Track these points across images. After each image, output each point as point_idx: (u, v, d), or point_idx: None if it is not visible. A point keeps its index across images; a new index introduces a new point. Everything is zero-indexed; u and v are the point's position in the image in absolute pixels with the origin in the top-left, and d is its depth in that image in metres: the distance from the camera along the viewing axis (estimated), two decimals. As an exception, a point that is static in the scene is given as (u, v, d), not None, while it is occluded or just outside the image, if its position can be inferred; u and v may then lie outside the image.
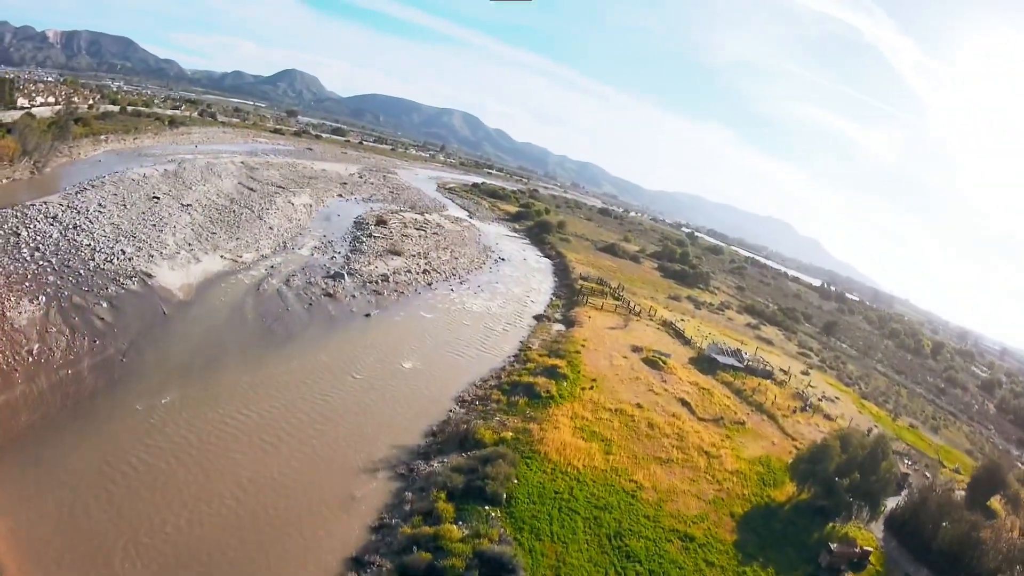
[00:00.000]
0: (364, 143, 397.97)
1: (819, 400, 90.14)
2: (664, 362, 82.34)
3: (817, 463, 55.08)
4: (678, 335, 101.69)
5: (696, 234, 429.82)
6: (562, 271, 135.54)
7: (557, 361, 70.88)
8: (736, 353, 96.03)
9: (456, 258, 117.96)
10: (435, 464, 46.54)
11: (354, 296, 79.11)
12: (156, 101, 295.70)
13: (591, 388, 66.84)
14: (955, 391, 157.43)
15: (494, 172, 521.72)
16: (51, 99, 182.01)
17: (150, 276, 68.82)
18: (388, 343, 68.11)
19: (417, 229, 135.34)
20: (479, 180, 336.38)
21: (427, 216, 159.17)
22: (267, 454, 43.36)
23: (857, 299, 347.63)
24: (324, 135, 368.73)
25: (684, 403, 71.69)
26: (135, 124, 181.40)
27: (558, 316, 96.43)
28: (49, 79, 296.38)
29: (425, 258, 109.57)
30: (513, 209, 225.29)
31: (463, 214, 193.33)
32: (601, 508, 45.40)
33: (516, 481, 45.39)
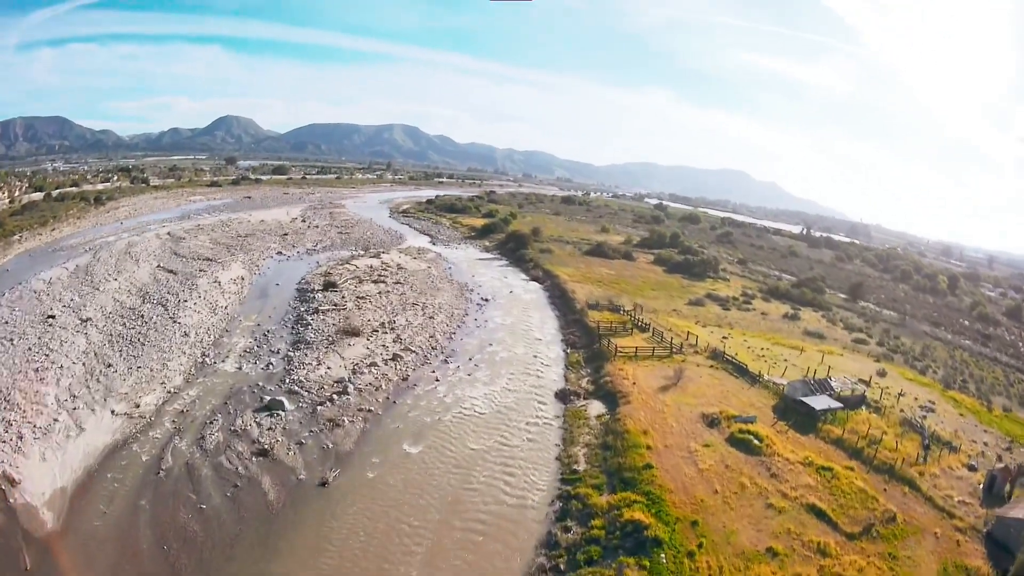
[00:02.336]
0: (307, 177, 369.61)
1: (923, 417, 68.45)
2: (756, 438, 56.40)
3: None
4: (739, 370, 75.86)
5: (664, 203, 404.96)
6: (560, 298, 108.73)
7: (632, 509, 44.10)
8: (822, 384, 70.24)
9: (431, 316, 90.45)
10: None
11: (300, 443, 51.28)
12: (88, 177, 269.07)
13: (699, 547, 40.47)
14: (995, 331, 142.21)
15: (445, 180, 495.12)
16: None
17: (13, 482, 42.36)
18: (364, 541, 40.47)
19: (375, 282, 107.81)
20: (433, 194, 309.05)
21: (384, 257, 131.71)
22: None
23: (848, 240, 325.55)
24: (265, 177, 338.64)
25: (818, 513, 46.50)
26: (56, 212, 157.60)
27: (588, 385, 69.42)
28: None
29: (392, 330, 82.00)
30: (479, 223, 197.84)
31: (425, 241, 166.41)
32: None
33: None
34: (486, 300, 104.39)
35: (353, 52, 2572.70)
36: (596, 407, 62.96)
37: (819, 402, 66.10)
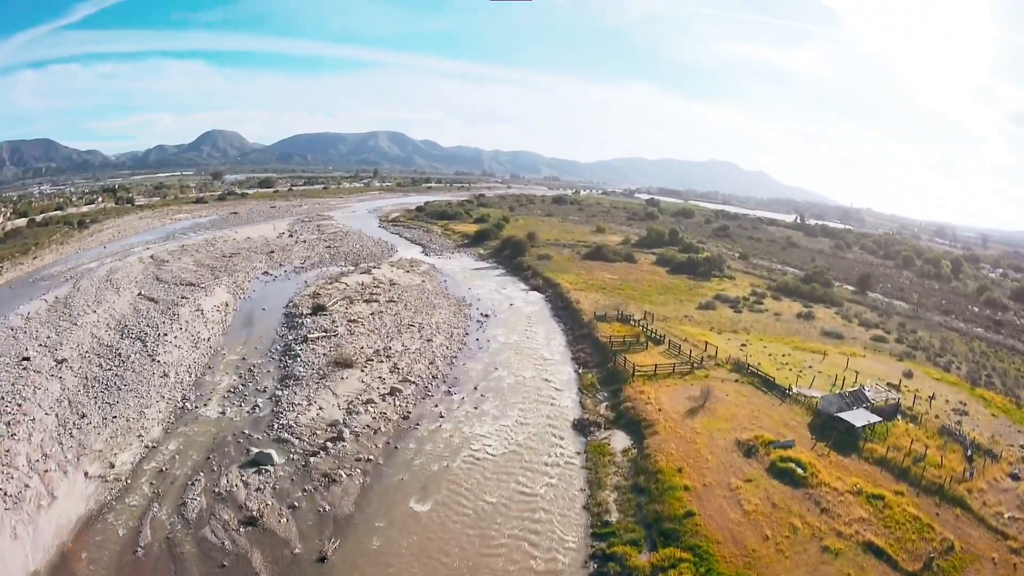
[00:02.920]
0: (294, 189, 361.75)
1: (958, 423, 64.03)
2: (799, 466, 50.64)
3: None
4: (767, 384, 69.98)
5: (655, 199, 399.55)
6: (564, 309, 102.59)
7: (680, 570, 38.31)
8: (857, 396, 64.48)
9: (429, 339, 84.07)
10: None
11: (293, 507, 44.80)
12: (73, 199, 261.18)
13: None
14: (1005, 316, 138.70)
15: (433, 185, 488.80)
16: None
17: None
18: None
19: (367, 301, 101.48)
20: (422, 200, 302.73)
21: (376, 272, 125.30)
22: None
23: (843, 227, 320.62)
24: (251, 191, 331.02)
25: (876, 551, 41.38)
26: (39, 239, 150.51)
27: (607, 412, 63.25)
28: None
29: (388, 357, 75.56)
30: (471, 229, 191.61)
31: (417, 252, 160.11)
32: None
33: None
34: (486, 316, 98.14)
35: (335, 60, 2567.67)
36: (620, 439, 56.77)
37: (857, 417, 60.53)
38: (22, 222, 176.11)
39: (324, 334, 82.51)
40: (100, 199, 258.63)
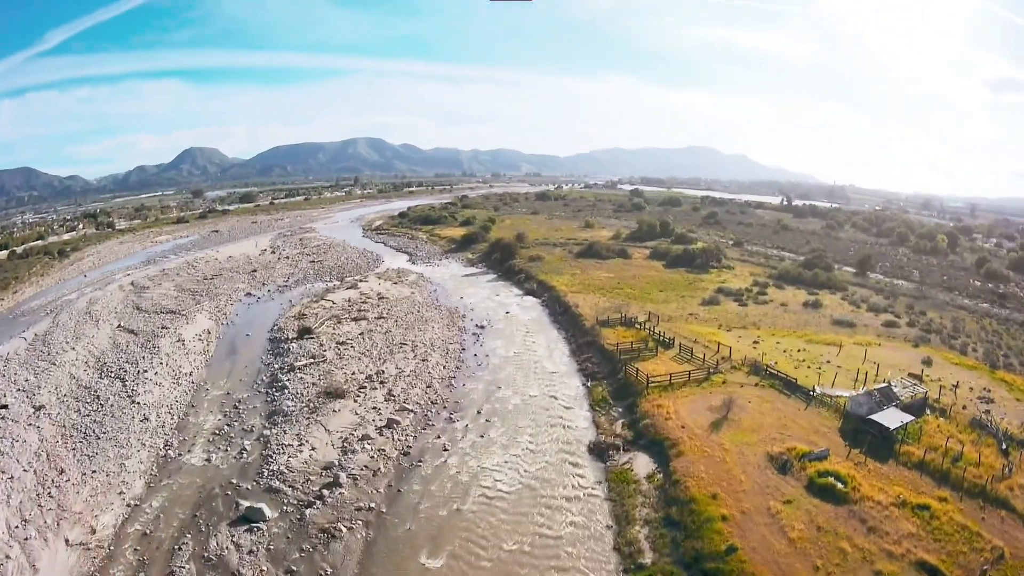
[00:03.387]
0: (275, 202, 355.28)
1: (987, 412, 61.27)
2: (838, 479, 46.73)
3: None
4: (788, 386, 65.81)
5: (639, 189, 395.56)
6: (563, 314, 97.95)
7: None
8: (885, 395, 60.43)
9: (424, 358, 79.23)
10: None
11: (292, 571, 39.86)
12: (55, 227, 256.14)
13: None
14: (1007, 288, 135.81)
15: (415, 189, 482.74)
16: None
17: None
18: None
19: (355, 319, 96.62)
20: (404, 205, 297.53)
21: (363, 286, 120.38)
22: None
23: (832, 206, 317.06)
24: (232, 207, 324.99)
25: (930, 571, 38.03)
26: (19, 272, 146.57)
27: (625, 431, 58.63)
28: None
29: (381, 383, 70.66)
30: (457, 233, 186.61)
31: (403, 261, 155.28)
32: None
33: None
34: (482, 327, 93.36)
35: (310, 70, 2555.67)
36: (643, 462, 52.13)
37: (889, 418, 56.45)
38: (2, 255, 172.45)
39: (312, 360, 77.59)
40: (81, 225, 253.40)
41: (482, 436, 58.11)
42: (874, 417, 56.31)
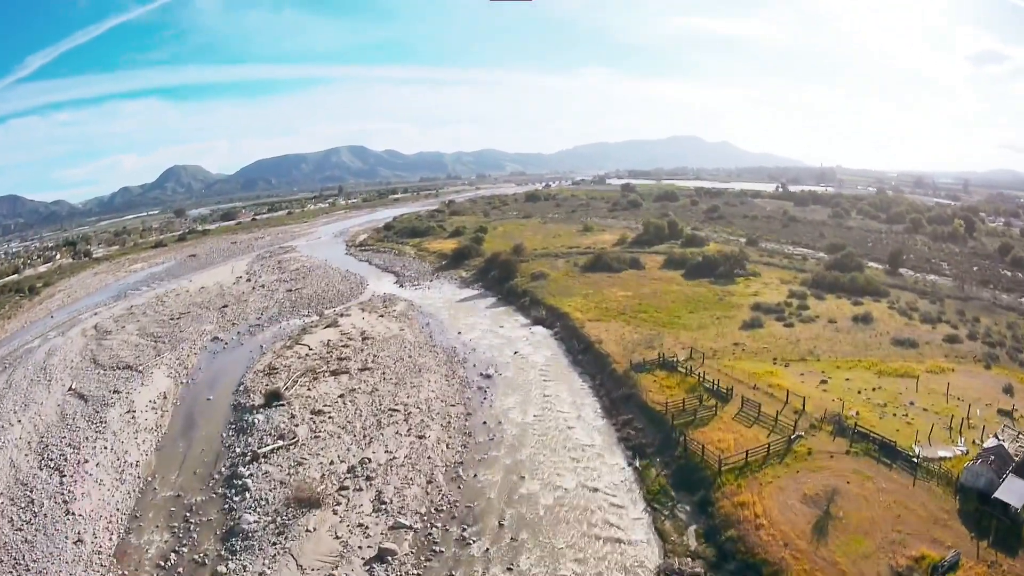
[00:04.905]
0: (257, 218, 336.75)
1: None
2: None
3: None
4: (885, 450, 50.01)
5: (629, 183, 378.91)
6: (583, 352, 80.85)
7: None
8: (999, 457, 45.64)
9: (421, 434, 61.82)
10: None
11: None
12: (34, 257, 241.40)
13: None
14: None
15: (400, 196, 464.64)
16: None
17: None
18: None
19: (335, 372, 79.53)
20: (390, 215, 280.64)
21: (345, 322, 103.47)
22: None
23: (830, 191, 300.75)
24: (212, 227, 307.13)
25: None
26: None
27: (703, 547, 41.95)
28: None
29: (367, 480, 53.24)
30: (448, 246, 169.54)
31: (390, 283, 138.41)
32: None
33: None
34: (488, 375, 76.27)
35: (289, 81, 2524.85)
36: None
37: (1013, 492, 41.23)
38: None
39: (280, 442, 60.60)
40: (58, 255, 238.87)
41: (510, 570, 41.15)
42: (998, 496, 41.56)
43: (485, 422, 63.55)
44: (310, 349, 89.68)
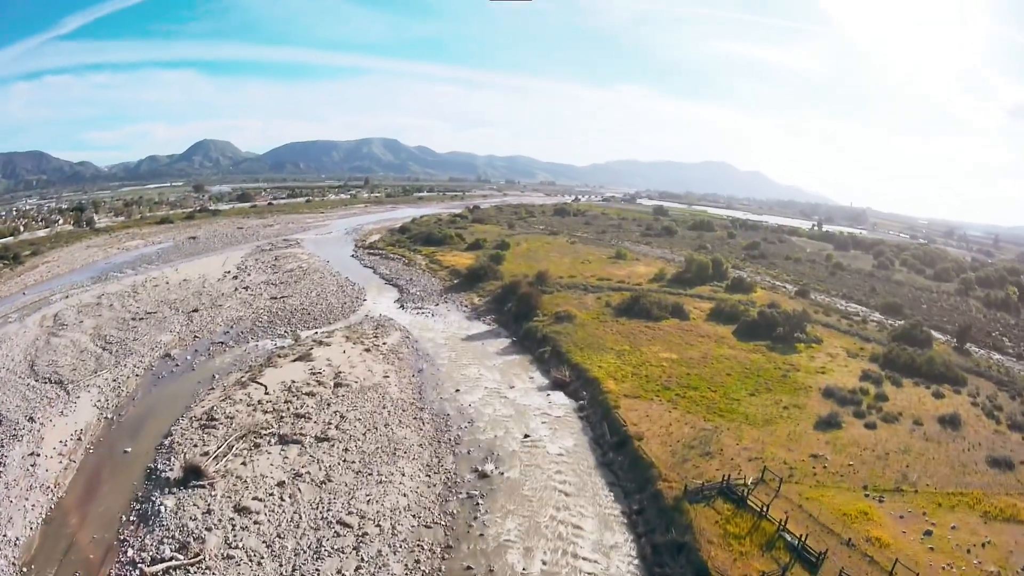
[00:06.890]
0: (273, 203, 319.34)
1: None
2: None
3: None
4: None
5: (662, 206, 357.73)
6: (618, 450, 59.93)
7: None
8: None
9: (383, 566, 41.92)
10: None
11: None
12: (36, 219, 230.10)
13: None
14: None
15: (425, 195, 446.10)
16: None
17: None
18: None
19: (284, 440, 59.26)
20: (411, 214, 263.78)
21: (319, 354, 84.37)
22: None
23: (871, 236, 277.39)
24: (226, 207, 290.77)
25: None
26: None
27: None
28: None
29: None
30: (463, 262, 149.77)
31: (390, 301, 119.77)
32: None
33: None
34: (485, 476, 55.38)
35: (327, 68, 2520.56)
36: None
37: None
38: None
39: (177, 558, 41.01)
40: (60, 220, 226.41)
41: None
42: None
43: (470, 567, 42.80)
44: (266, 393, 70.15)
